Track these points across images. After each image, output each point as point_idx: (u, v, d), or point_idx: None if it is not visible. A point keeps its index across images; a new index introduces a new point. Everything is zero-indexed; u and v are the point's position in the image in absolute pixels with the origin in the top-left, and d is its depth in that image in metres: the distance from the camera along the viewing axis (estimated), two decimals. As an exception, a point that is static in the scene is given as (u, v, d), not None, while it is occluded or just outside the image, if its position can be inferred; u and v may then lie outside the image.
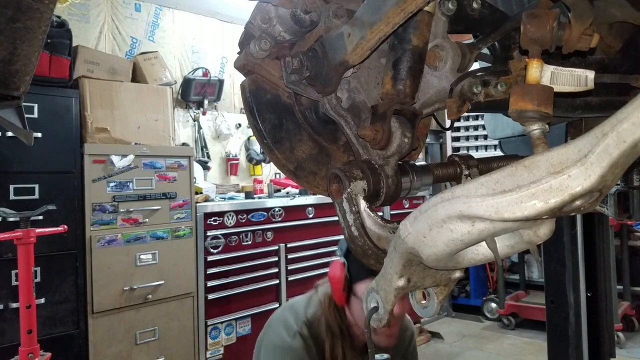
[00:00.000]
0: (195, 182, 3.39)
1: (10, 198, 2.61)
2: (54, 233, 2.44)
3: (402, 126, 0.67)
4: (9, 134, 2.60)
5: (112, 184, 2.89)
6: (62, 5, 3.42)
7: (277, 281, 3.55)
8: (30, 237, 2.25)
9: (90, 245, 2.79)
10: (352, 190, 0.66)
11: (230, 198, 3.68)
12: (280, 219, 3.58)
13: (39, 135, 2.70)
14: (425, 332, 4.58)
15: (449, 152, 5.82)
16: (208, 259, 3.21)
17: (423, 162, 0.78)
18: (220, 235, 3.26)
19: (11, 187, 2.62)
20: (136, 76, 3.50)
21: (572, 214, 0.48)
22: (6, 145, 2.62)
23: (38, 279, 2.62)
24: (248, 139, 4.61)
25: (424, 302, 0.72)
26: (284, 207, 3.61)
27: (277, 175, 4.61)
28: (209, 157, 4.25)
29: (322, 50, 0.71)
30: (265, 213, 3.50)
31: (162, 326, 3.05)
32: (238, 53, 0.77)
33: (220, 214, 3.29)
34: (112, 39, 3.90)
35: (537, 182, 0.46)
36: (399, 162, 0.71)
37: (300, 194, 3.85)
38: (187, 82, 4.14)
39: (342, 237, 0.76)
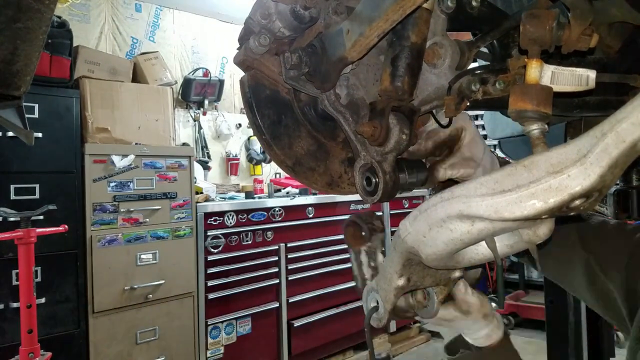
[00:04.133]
0: (195, 182, 3.39)
1: (11, 198, 2.61)
2: (55, 233, 2.44)
3: (400, 123, 0.68)
4: (10, 133, 2.60)
5: (112, 184, 2.89)
6: (62, 6, 3.42)
7: (277, 281, 3.55)
8: (31, 236, 2.25)
9: (90, 245, 2.79)
10: (373, 244, 0.67)
11: (231, 198, 3.69)
12: (280, 218, 3.58)
13: (40, 135, 2.70)
14: (425, 332, 4.58)
15: (449, 151, 5.81)
16: (208, 259, 3.21)
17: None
18: (220, 235, 3.26)
19: (12, 187, 2.62)
20: (137, 76, 3.50)
21: (572, 213, 0.48)
22: (7, 145, 2.62)
23: (38, 279, 2.62)
24: (248, 139, 4.61)
25: (424, 302, 0.72)
26: (284, 207, 3.61)
27: (278, 175, 4.61)
28: (209, 157, 4.25)
29: (321, 46, 0.71)
30: (265, 213, 3.50)
31: (163, 326, 3.05)
32: (237, 49, 0.77)
33: (221, 213, 3.29)
34: (113, 39, 3.91)
35: (536, 181, 0.46)
36: None
37: (301, 193, 3.85)
38: (187, 82, 4.14)
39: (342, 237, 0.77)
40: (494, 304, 4.81)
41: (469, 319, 0.75)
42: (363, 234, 0.67)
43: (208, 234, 3.21)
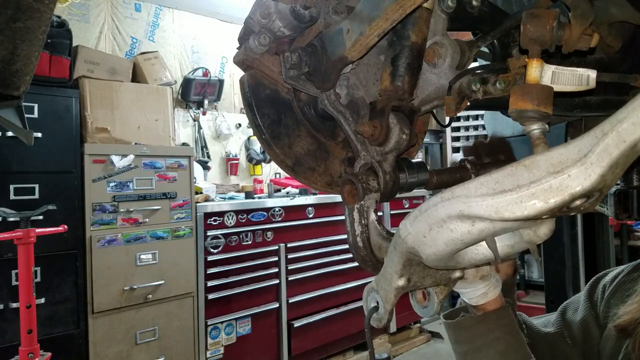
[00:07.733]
0: (195, 182, 3.39)
1: (11, 198, 2.61)
2: (54, 233, 2.44)
3: (400, 122, 0.67)
4: (9, 133, 2.59)
5: (112, 184, 2.89)
6: (62, 5, 3.42)
7: (277, 281, 3.55)
8: (31, 237, 2.25)
9: (90, 245, 2.79)
10: (365, 203, 0.67)
11: (230, 198, 3.68)
12: (280, 219, 3.58)
13: (39, 135, 2.70)
14: (425, 332, 4.58)
15: (449, 151, 5.82)
16: (208, 259, 3.21)
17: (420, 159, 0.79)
18: (220, 235, 3.26)
19: (11, 187, 2.62)
20: (136, 76, 3.50)
21: (572, 213, 0.48)
22: (6, 145, 2.62)
23: (38, 279, 2.62)
24: (248, 138, 4.61)
25: (424, 302, 0.72)
26: (284, 207, 3.61)
27: (277, 175, 4.61)
28: (209, 157, 4.25)
29: (321, 46, 0.71)
30: (265, 213, 3.50)
31: (162, 326, 3.05)
32: (237, 48, 0.77)
33: (220, 213, 3.29)
34: (112, 39, 3.91)
35: (537, 181, 0.46)
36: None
37: (300, 193, 3.85)
38: (187, 82, 4.14)
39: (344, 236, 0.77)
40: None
41: (466, 282, 0.77)
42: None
43: (208, 234, 3.21)
